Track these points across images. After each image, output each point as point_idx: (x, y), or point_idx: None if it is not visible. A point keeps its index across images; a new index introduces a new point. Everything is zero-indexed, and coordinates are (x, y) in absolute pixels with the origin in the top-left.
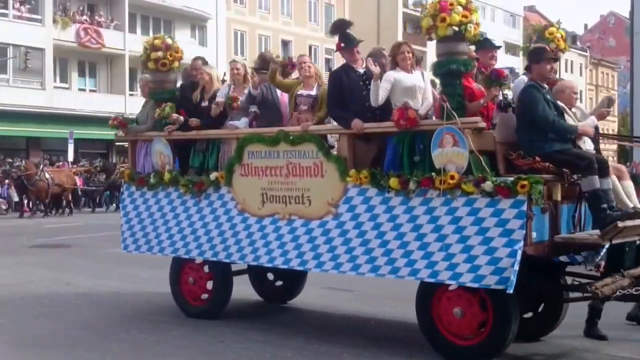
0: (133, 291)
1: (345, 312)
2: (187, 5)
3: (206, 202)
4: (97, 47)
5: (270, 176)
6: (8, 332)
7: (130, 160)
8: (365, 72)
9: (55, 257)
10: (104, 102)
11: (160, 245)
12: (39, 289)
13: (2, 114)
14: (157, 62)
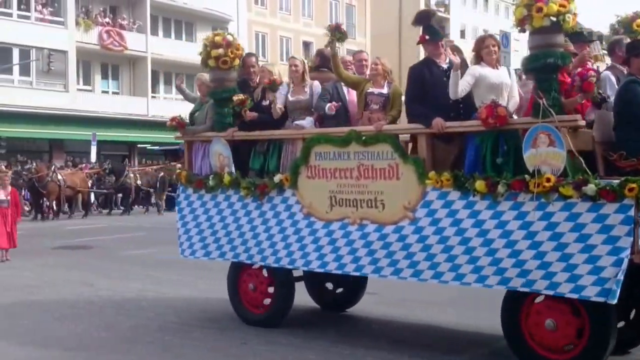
0: (155, 293)
1: (369, 315)
2: (209, 7)
3: (269, 205)
4: (119, 50)
5: (340, 178)
6: (32, 334)
7: (187, 161)
8: (449, 67)
9: (78, 258)
10: (127, 104)
11: (220, 250)
12: (61, 291)
13: (25, 116)
14: (218, 59)
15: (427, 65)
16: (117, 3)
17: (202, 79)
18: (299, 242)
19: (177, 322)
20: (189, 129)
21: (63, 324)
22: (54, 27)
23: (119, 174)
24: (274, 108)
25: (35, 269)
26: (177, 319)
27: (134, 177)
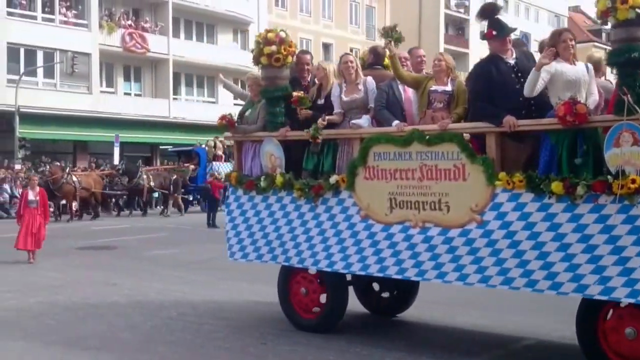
0: (177, 293)
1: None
2: (230, 9)
3: (323, 207)
4: (142, 52)
5: (401, 180)
6: (56, 333)
7: (236, 162)
8: (517, 63)
9: (101, 258)
10: (149, 106)
11: (271, 254)
12: (86, 290)
13: (50, 118)
14: (271, 57)
15: (494, 62)
16: (140, 6)
17: (253, 78)
18: (355, 245)
19: (199, 322)
20: (240, 129)
21: (87, 324)
22: (77, 30)
23: (132, 175)
24: (333, 117)
25: (59, 269)
26: (199, 319)
27: (147, 178)
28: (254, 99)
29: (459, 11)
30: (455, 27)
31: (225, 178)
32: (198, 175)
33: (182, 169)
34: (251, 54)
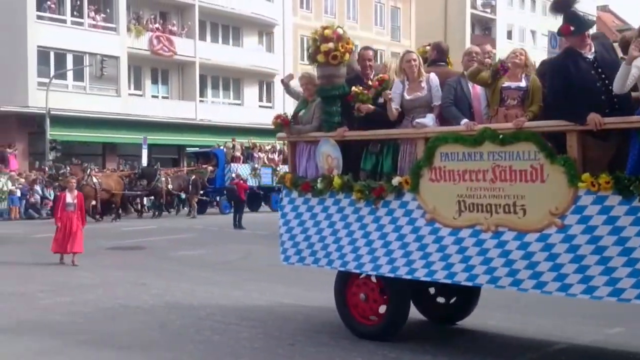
0: (205, 293)
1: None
2: (255, 11)
3: (385, 210)
4: (169, 55)
5: (470, 181)
6: (87, 332)
7: (290, 163)
8: (596, 58)
9: (131, 258)
10: (176, 109)
11: (328, 258)
12: (116, 290)
13: (79, 120)
14: (328, 54)
15: (572, 58)
16: (167, 9)
17: (308, 77)
18: (420, 250)
19: (226, 322)
20: (294, 129)
21: (117, 323)
22: (106, 34)
23: (151, 177)
24: (389, 109)
25: (90, 269)
26: (226, 319)
27: (165, 180)
28: (308, 99)
29: (485, 11)
30: (481, 27)
31: (279, 180)
32: (216, 176)
33: (201, 170)
34: (272, 54)
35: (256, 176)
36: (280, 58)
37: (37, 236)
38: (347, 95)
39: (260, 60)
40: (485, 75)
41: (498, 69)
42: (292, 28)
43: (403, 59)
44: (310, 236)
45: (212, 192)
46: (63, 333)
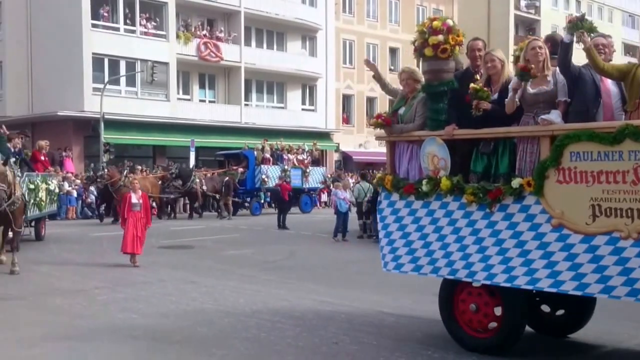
0: (251, 291)
1: None
2: (299, 17)
3: (501, 214)
4: (215, 60)
5: (607, 183)
6: (140, 328)
7: (389, 164)
8: None
9: (181, 257)
10: (222, 112)
11: (432, 265)
12: (167, 287)
13: (131, 124)
14: (437, 47)
15: None
16: (214, 16)
17: (409, 72)
18: (544, 258)
19: (272, 320)
20: (396, 128)
21: (169, 319)
22: (156, 41)
23: (186, 178)
24: (509, 101)
25: (143, 267)
26: (272, 317)
27: (199, 182)
28: (409, 95)
29: (529, 12)
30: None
31: (377, 182)
32: (247, 178)
33: (232, 172)
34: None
35: (286, 178)
36: (323, 62)
37: (93, 235)
38: (455, 91)
39: (303, 64)
40: (622, 67)
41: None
42: (335, 32)
43: (528, 47)
44: (412, 241)
45: (243, 193)
46: (119, 328)
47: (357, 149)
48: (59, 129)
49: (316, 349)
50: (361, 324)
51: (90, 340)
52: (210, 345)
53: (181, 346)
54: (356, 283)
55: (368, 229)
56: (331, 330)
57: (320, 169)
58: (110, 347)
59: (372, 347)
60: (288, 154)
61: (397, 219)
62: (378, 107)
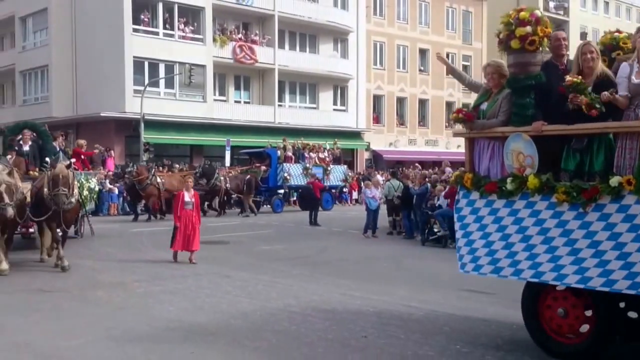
0: (282, 285)
1: (486, 315)
2: (331, 20)
3: (596, 215)
4: (250, 63)
5: None
6: (176, 320)
7: (468, 162)
8: None
9: (217, 252)
10: (257, 113)
11: (514, 267)
12: (203, 281)
13: (170, 124)
14: (524, 39)
15: None
16: (249, 20)
17: (495, 65)
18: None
19: (303, 313)
20: (478, 124)
21: (203, 311)
22: (194, 44)
23: (210, 176)
24: (618, 97)
25: (180, 261)
26: (302, 310)
27: (223, 180)
28: (493, 90)
29: (558, 13)
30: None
31: (457, 180)
32: (269, 176)
33: (255, 169)
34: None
35: (308, 176)
36: (354, 63)
37: (133, 230)
38: (542, 85)
39: (335, 65)
40: None
41: None
42: (366, 34)
43: (637, 34)
44: (492, 242)
45: (265, 191)
46: (156, 320)
47: (387, 147)
48: (101, 129)
49: (345, 342)
50: (390, 318)
51: (129, 331)
52: (243, 337)
53: (215, 338)
54: (385, 278)
55: (397, 225)
56: (360, 323)
57: (341, 167)
58: (147, 337)
59: (401, 340)
60: (310, 153)
61: (476, 219)
62: (408, 107)
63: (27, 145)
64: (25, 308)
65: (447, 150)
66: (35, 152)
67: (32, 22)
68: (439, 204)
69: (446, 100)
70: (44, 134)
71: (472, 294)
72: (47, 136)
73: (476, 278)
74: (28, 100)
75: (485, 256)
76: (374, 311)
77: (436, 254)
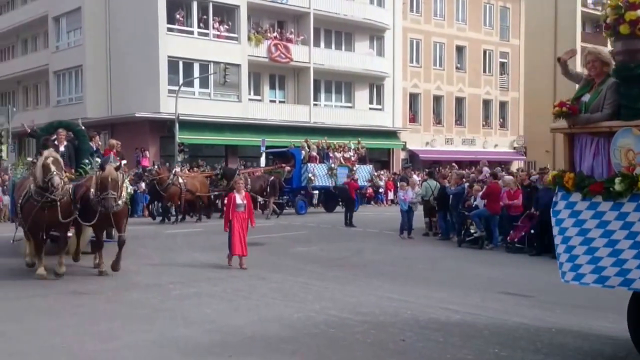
0: (319, 288)
1: (525, 318)
2: (367, 17)
3: None
4: (285, 61)
5: None
6: (212, 322)
7: (567, 160)
8: None
9: (252, 253)
10: (292, 112)
11: (623, 277)
12: (239, 282)
13: (204, 125)
14: (635, 24)
15: None
16: (284, 18)
17: (596, 53)
18: None
19: (340, 316)
20: (581, 118)
21: (239, 314)
22: (229, 43)
23: (230, 177)
24: None
25: (215, 263)
26: (340, 313)
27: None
28: (596, 80)
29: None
30: (592, 25)
31: (556, 181)
32: (293, 176)
33: (278, 170)
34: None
35: (333, 176)
36: (390, 61)
37: (167, 232)
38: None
39: (371, 63)
40: None
41: None
42: (402, 31)
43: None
44: (596, 249)
45: (289, 192)
46: (192, 321)
47: (424, 147)
48: (136, 130)
49: (384, 345)
50: (427, 320)
51: (165, 334)
52: (280, 340)
53: (252, 341)
54: (422, 280)
55: (434, 226)
56: (398, 326)
57: (367, 167)
58: (183, 340)
59: (439, 344)
60: (335, 152)
61: (577, 222)
62: (445, 106)
63: (62, 146)
64: (60, 311)
65: (485, 150)
66: (71, 152)
67: (65, 21)
68: (476, 204)
69: (483, 98)
70: (80, 133)
71: (511, 296)
72: (83, 135)
73: (515, 280)
74: (62, 100)
75: (588, 264)
76: (411, 314)
77: (473, 255)
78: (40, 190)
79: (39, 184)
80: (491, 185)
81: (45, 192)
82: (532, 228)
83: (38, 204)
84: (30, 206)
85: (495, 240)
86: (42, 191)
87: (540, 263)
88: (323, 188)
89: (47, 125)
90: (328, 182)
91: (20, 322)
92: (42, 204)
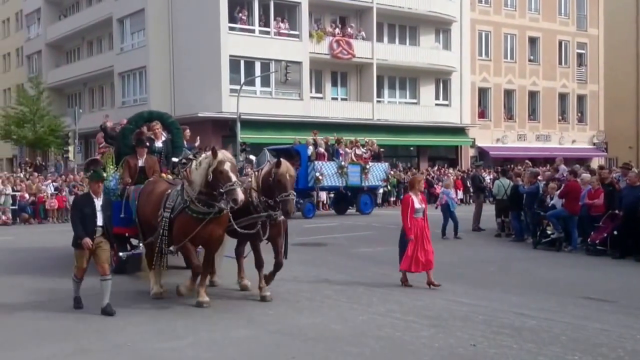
0: (383, 290)
1: (605, 324)
2: (433, 9)
3: None
4: (347, 58)
5: None
6: (277, 323)
7: None
8: None
9: (315, 254)
10: (354, 110)
11: None
12: (302, 284)
13: (266, 124)
14: None
15: None
16: (346, 13)
17: None
18: None
19: (405, 319)
20: None
21: (303, 315)
22: (290, 40)
23: None
24: None
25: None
26: (405, 316)
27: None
28: None
29: None
30: None
31: None
32: (298, 176)
33: None
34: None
35: (343, 175)
36: (457, 55)
37: None
38: None
39: (437, 58)
40: None
41: None
42: (470, 23)
43: None
44: None
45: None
46: (254, 322)
47: (494, 144)
48: (199, 130)
49: (453, 350)
50: (500, 326)
51: (228, 334)
52: (344, 342)
53: (315, 342)
54: (493, 283)
55: (506, 227)
56: (468, 332)
57: (382, 165)
58: (246, 340)
59: (513, 350)
60: (345, 149)
61: None
62: (517, 100)
63: (159, 141)
64: (125, 310)
65: (561, 146)
66: (169, 149)
67: (129, 23)
68: (552, 203)
69: (559, 92)
70: (174, 125)
71: (592, 301)
72: (177, 129)
73: (596, 284)
74: (127, 101)
75: None
76: (482, 318)
77: (550, 258)
78: (207, 199)
79: (203, 191)
80: (570, 184)
81: (213, 202)
82: (615, 229)
83: (203, 217)
84: (187, 220)
85: (574, 242)
86: (210, 200)
87: (623, 266)
88: (332, 188)
89: (136, 117)
90: (338, 182)
91: (85, 321)
92: (205, 215)
